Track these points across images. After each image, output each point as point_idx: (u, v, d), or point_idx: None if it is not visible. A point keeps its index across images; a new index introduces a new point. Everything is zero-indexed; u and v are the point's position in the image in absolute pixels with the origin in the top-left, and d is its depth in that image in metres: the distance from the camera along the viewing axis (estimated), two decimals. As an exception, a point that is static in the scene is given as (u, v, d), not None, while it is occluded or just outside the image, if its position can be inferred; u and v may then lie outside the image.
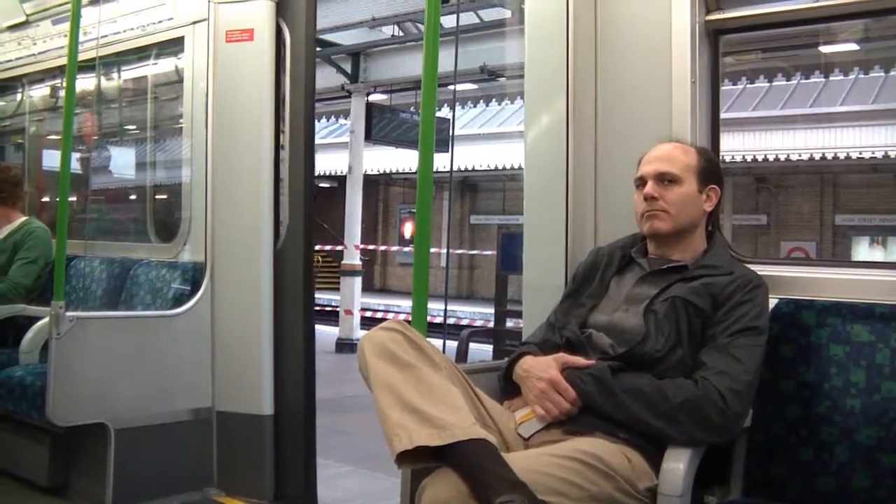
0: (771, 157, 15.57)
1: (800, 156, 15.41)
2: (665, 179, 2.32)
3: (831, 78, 14.43)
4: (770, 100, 16.36)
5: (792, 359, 2.22)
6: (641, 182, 2.36)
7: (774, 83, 15.23)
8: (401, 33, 10.97)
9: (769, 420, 2.20)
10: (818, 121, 15.28)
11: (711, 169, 2.35)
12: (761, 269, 2.32)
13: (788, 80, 14.74)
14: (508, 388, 2.29)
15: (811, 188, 18.62)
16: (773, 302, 2.26)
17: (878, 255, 17.94)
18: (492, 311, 9.65)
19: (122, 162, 6.18)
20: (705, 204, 2.34)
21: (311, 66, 3.85)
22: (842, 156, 14.97)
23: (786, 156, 15.47)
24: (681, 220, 2.32)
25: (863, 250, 17.79)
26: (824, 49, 11.44)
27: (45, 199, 5.98)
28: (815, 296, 2.32)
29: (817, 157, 15.21)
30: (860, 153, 14.88)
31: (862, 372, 2.13)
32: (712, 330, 2.12)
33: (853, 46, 11.42)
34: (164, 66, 4.85)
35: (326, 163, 18.52)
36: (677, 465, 1.94)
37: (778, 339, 2.22)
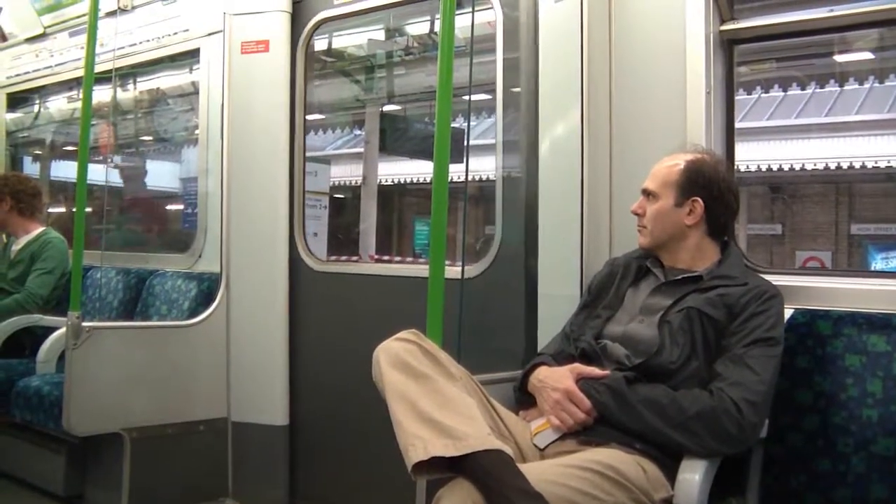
0: (786, 167, 15.51)
1: (815, 165, 15.34)
2: (648, 195, 2.39)
3: (846, 87, 14.36)
4: (785, 109, 16.31)
5: (808, 369, 2.21)
6: None
7: (789, 92, 15.18)
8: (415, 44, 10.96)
9: (785, 430, 2.20)
10: (833, 130, 15.20)
11: (694, 181, 2.33)
12: (777, 280, 2.31)
13: (803, 89, 14.69)
14: (524, 399, 2.29)
15: (826, 197, 18.50)
16: (788, 312, 2.25)
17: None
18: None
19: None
20: (687, 217, 2.33)
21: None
22: (857, 165, 14.89)
23: (801, 165, 15.41)
24: (657, 235, 2.37)
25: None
26: (839, 58, 11.42)
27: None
28: (830, 306, 2.31)
29: (832, 166, 15.14)
30: (876, 162, 14.80)
31: (879, 382, 2.12)
32: (727, 341, 2.12)
33: (868, 55, 11.38)
34: (180, 77, 4.89)
35: (342, 173, 18.53)
36: (693, 475, 1.93)
37: (794, 350, 2.22)
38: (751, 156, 15.10)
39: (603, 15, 2.86)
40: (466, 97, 3.06)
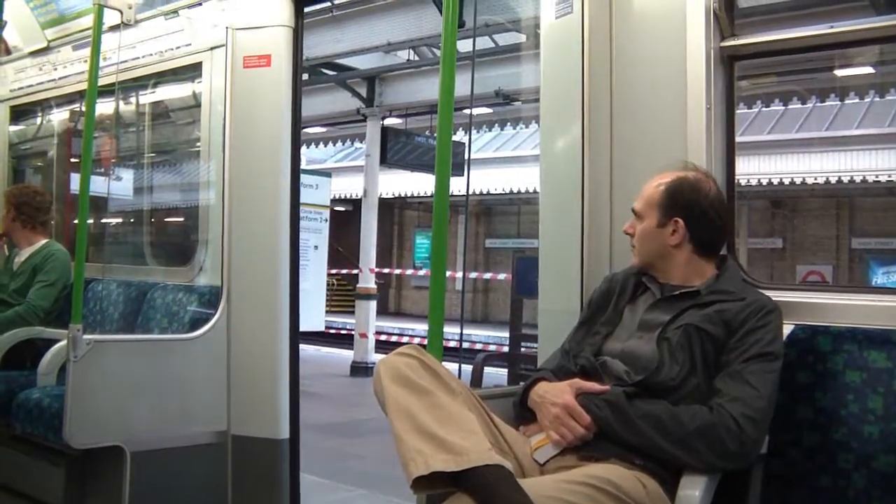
0: (787, 181, 15.54)
1: (815, 179, 15.38)
2: (637, 215, 2.41)
3: (847, 101, 14.38)
4: (785, 123, 16.34)
5: (808, 385, 2.21)
6: None
7: (790, 107, 15.20)
8: (416, 58, 11.03)
9: (786, 446, 2.19)
10: (834, 144, 15.24)
11: (675, 201, 2.33)
12: (776, 295, 2.31)
13: (804, 103, 14.71)
14: (524, 414, 2.29)
15: (827, 211, 18.57)
16: (788, 328, 2.25)
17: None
18: (507, 335, 9.63)
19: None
20: (670, 238, 2.33)
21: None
22: (858, 179, 14.92)
23: (801, 179, 15.45)
24: (644, 255, 2.39)
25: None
26: (840, 72, 11.41)
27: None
28: (830, 321, 2.31)
29: (833, 180, 15.17)
30: (876, 176, 14.83)
31: (879, 398, 2.11)
32: (726, 356, 2.12)
33: (869, 70, 11.39)
34: (183, 90, 4.90)
35: (342, 186, 18.59)
36: (693, 492, 1.93)
37: (794, 366, 2.21)
38: (752, 170, 15.14)
39: (603, 31, 2.86)
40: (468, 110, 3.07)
